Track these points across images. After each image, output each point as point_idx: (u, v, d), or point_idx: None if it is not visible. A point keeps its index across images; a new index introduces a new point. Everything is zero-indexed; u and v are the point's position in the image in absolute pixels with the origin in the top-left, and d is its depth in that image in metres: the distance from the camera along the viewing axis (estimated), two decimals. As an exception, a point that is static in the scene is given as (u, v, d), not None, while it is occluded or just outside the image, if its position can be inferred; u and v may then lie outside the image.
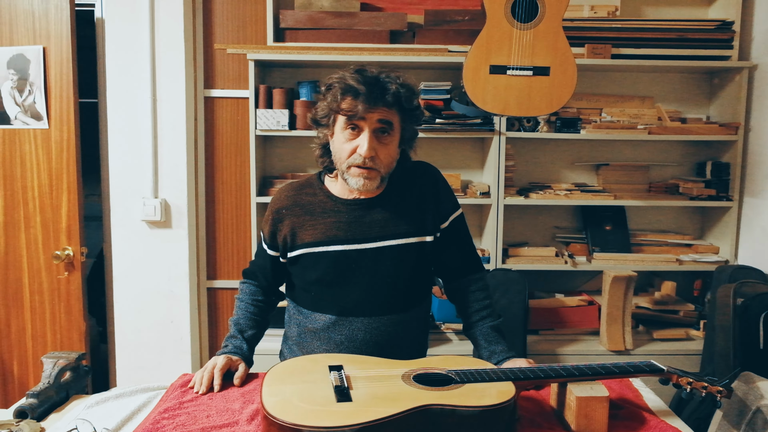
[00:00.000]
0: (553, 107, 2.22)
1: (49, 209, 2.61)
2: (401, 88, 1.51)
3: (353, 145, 1.50)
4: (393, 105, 1.49)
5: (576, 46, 2.65)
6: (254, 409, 1.35)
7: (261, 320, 1.70)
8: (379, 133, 1.50)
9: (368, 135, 1.48)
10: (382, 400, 1.18)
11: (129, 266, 2.80)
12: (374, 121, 1.48)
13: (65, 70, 2.53)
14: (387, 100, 1.48)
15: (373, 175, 1.51)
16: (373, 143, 1.48)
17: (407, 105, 1.53)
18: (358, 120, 1.48)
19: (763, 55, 2.72)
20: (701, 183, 2.82)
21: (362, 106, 1.46)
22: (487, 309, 1.66)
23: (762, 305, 2.27)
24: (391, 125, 1.51)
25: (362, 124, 1.48)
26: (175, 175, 2.77)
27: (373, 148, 1.48)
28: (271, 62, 2.78)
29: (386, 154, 1.52)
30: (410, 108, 1.55)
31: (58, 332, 2.66)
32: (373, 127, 1.48)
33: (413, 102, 1.55)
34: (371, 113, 1.47)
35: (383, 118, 1.49)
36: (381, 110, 1.48)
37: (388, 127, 1.50)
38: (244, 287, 1.73)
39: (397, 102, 1.50)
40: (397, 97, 1.50)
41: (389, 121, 1.50)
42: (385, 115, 1.49)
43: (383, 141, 1.51)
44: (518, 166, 2.92)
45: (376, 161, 1.50)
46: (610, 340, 2.60)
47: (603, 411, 1.28)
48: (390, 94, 1.48)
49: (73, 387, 1.51)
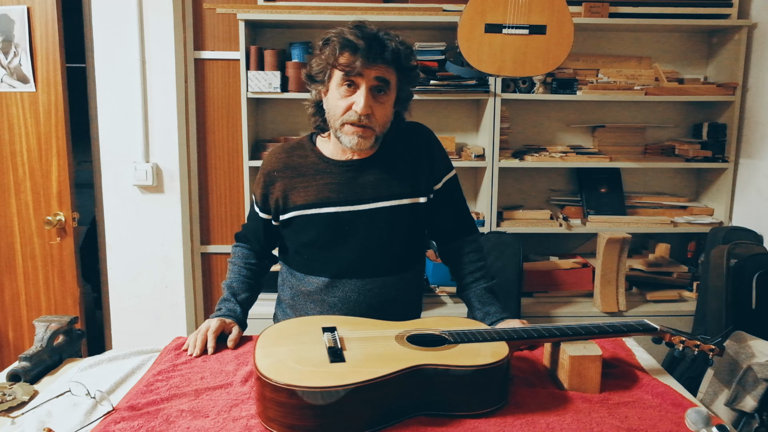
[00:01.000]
0: (549, 67, 2.19)
1: (39, 174, 2.58)
2: (400, 45, 1.48)
3: (349, 101, 1.47)
4: (391, 63, 1.47)
5: (573, 5, 2.59)
6: (248, 371, 1.35)
7: (254, 283, 1.69)
8: (375, 91, 1.47)
9: (365, 92, 1.45)
10: (376, 360, 1.18)
11: (122, 232, 2.79)
12: (371, 78, 1.45)
13: (50, 31, 2.47)
14: (386, 57, 1.45)
15: (367, 134, 1.49)
16: (370, 101, 1.46)
17: (405, 63, 1.50)
18: (356, 76, 1.45)
19: (762, 13, 2.67)
20: (697, 145, 2.80)
21: (360, 62, 1.42)
22: (481, 271, 1.66)
23: (755, 266, 2.28)
24: (388, 84, 1.48)
25: (359, 80, 1.45)
26: (166, 140, 2.74)
27: (370, 106, 1.46)
28: (262, 22, 2.72)
29: (382, 113, 1.50)
30: (408, 67, 1.52)
31: (52, 298, 2.66)
32: (370, 84, 1.45)
33: (411, 61, 1.52)
34: (369, 69, 1.44)
35: (381, 76, 1.46)
36: (379, 67, 1.45)
37: (385, 85, 1.48)
38: (237, 251, 1.72)
39: (396, 60, 1.47)
40: (397, 54, 1.47)
41: (387, 79, 1.47)
42: (383, 72, 1.46)
43: (379, 99, 1.48)
44: (513, 128, 2.89)
45: (371, 119, 1.47)
46: (603, 302, 2.62)
47: (596, 370, 1.29)
48: (389, 51, 1.45)
49: (66, 350, 1.51)
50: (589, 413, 1.20)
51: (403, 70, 1.51)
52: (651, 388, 1.31)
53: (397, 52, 1.46)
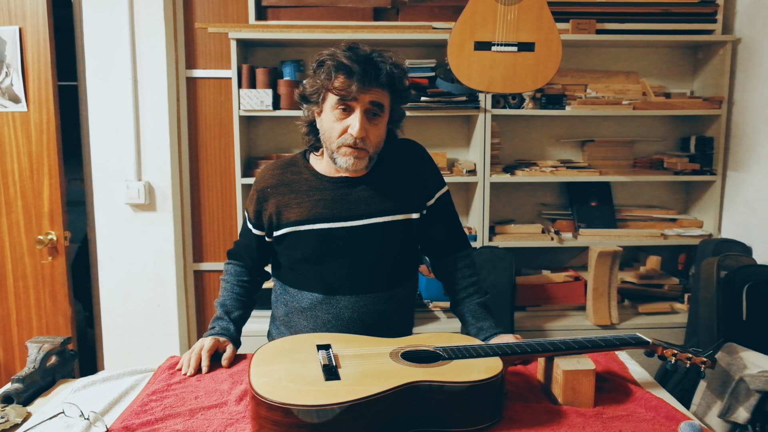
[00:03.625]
0: (539, 83, 2.21)
1: (30, 194, 2.57)
2: (395, 68, 1.49)
3: (344, 124, 1.48)
4: (386, 86, 1.48)
5: (560, 22, 2.63)
6: (243, 390, 1.35)
7: (247, 300, 1.69)
8: (370, 114, 1.48)
9: (360, 116, 1.46)
10: (371, 377, 1.19)
11: (114, 250, 2.78)
12: (366, 102, 1.46)
13: (42, 51, 2.47)
14: (381, 81, 1.46)
15: (362, 155, 1.50)
16: (365, 124, 1.47)
17: (399, 86, 1.52)
18: (351, 100, 1.46)
19: (746, 29, 2.72)
20: (685, 158, 2.83)
21: (356, 86, 1.43)
22: (474, 286, 1.67)
23: (745, 277, 2.30)
24: (382, 107, 1.50)
25: (354, 104, 1.46)
26: (158, 158, 2.74)
27: (365, 129, 1.47)
28: (253, 41, 2.74)
29: (376, 135, 1.51)
30: (402, 89, 1.53)
31: (44, 317, 2.64)
32: (365, 108, 1.47)
33: (404, 83, 1.54)
34: (364, 94, 1.45)
35: (375, 100, 1.47)
36: (374, 91, 1.47)
37: (379, 108, 1.49)
38: (229, 268, 1.72)
39: (390, 83, 1.49)
40: (391, 77, 1.48)
41: (381, 103, 1.49)
42: (378, 96, 1.48)
43: (374, 122, 1.49)
44: (504, 143, 2.92)
45: (366, 142, 1.49)
46: (596, 315, 2.63)
47: (589, 384, 1.29)
48: (384, 74, 1.46)
49: (59, 371, 1.50)
50: (583, 427, 1.21)
51: (397, 92, 1.53)
52: (644, 401, 1.32)
53: (392, 75, 1.48)
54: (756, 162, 2.65)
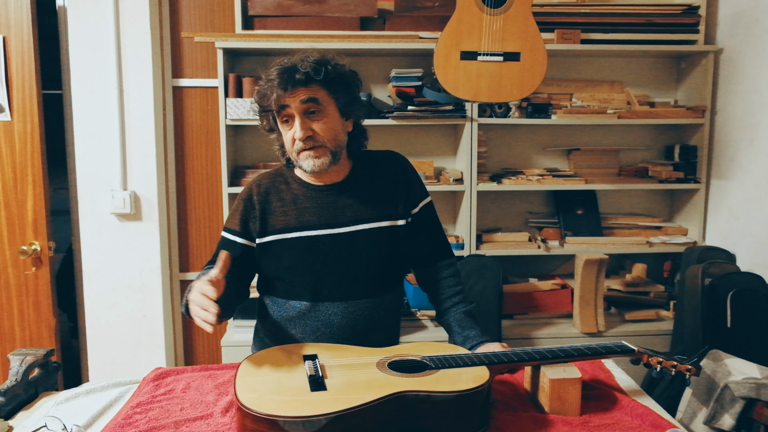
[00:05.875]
0: (524, 93, 2.23)
1: (14, 204, 2.55)
2: (313, 63, 1.50)
3: (291, 134, 1.52)
4: (308, 82, 1.49)
5: (546, 32, 2.66)
6: (228, 401, 1.34)
7: (232, 281, 1.51)
8: (309, 113, 1.51)
9: (298, 119, 1.49)
10: (357, 388, 1.18)
11: (99, 260, 2.75)
12: (298, 102, 1.49)
13: (27, 60, 2.46)
14: (299, 80, 1.48)
15: (320, 153, 1.51)
16: (306, 124, 1.50)
17: (328, 75, 1.51)
18: (285, 110, 1.50)
19: (728, 39, 2.76)
20: (670, 166, 2.86)
21: (277, 94, 1.47)
22: (459, 295, 1.67)
23: (729, 284, 2.32)
24: (317, 101, 1.50)
25: (290, 111, 1.50)
26: (144, 167, 2.73)
27: (307, 128, 1.49)
28: (240, 50, 2.74)
29: (324, 128, 1.51)
30: (332, 76, 1.52)
31: (27, 329, 2.61)
32: (301, 109, 1.49)
33: (330, 70, 1.52)
34: (291, 98, 1.48)
35: (305, 97, 1.49)
36: (300, 91, 1.48)
37: (314, 103, 1.50)
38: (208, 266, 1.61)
39: (310, 78, 1.48)
40: (315, 71, 1.49)
41: (313, 97, 1.50)
42: (305, 93, 1.49)
43: (315, 118, 1.51)
44: (490, 152, 2.93)
45: (316, 137, 1.50)
46: (583, 323, 2.64)
47: (576, 392, 1.30)
48: (300, 73, 1.47)
49: (42, 384, 1.48)
50: (570, 436, 1.21)
51: (328, 82, 1.52)
52: (631, 409, 1.32)
53: (315, 69, 1.49)
54: (739, 170, 2.68)
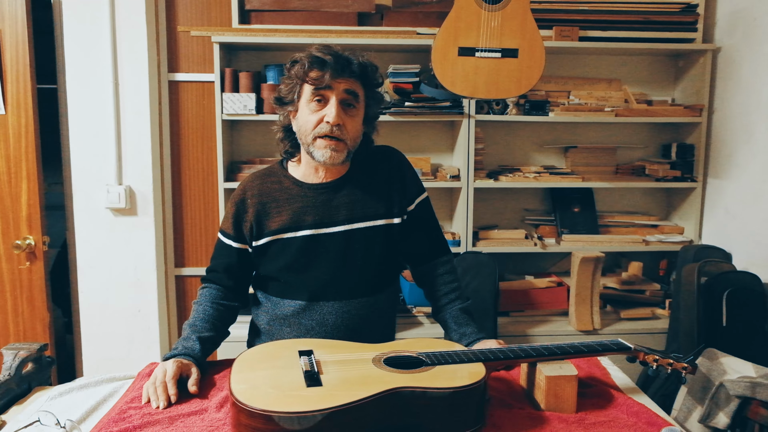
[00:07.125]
0: (522, 89, 2.23)
1: (8, 198, 2.53)
2: (366, 62, 1.53)
3: (320, 115, 1.49)
4: (359, 77, 1.51)
5: (544, 29, 2.65)
6: (223, 396, 1.33)
7: (220, 325, 1.57)
8: (345, 105, 1.50)
9: (335, 103, 1.48)
10: (353, 383, 1.18)
11: (94, 255, 2.74)
12: (341, 90, 1.48)
13: (21, 54, 2.44)
14: (353, 70, 1.49)
15: (340, 147, 1.50)
16: (341, 113, 1.48)
17: (372, 78, 1.54)
18: (325, 89, 1.48)
19: (725, 38, 2.76)
20: (667, 164, 2.86)
21: (329, 74, 1.46)
22: (456, 292, 1.66)
23: (725, 283, 2.32)
24: (357, 97, 1.51)
25: (329, 93, 1.48)
26: (139, 161, 2.71)
27: (341, 117, 1.48)
28: (236, 45, 2.73)
29: (352, 126, 1.51)
30: (374, 83, 1.56)
31: (21, 324, 2.59)
32: (340, 97, 1.48)
33: (377, 78, 1.56)
34: (338, 83, 1.48)
35: (349, 88, 1.49)
36: (347, 80, 1.49)
37: (354, 98, 1.51)
38: (204, 292, 1.61)
39: (363, 73, 1.51)
40: (363, 68, 1.51)
41: (355, 92, 1.51)
42: (351, 85, 1.50)
43: (349, 113, 1.51)
44: (488, 148, 2.93)
45: (343, 131, 1.49)
46: (578, 321, 2.64)
47: (572, 389, 1.30)
48: (355, 65, 1.49)
49: (35, 379, 1.47)
50: (565, 433, 1.21)
51: (370, 85, 1.55)
52: (626, 407, 1.32)
53: (364, 66, 1.51)
54: (735, 169, 2.68)
